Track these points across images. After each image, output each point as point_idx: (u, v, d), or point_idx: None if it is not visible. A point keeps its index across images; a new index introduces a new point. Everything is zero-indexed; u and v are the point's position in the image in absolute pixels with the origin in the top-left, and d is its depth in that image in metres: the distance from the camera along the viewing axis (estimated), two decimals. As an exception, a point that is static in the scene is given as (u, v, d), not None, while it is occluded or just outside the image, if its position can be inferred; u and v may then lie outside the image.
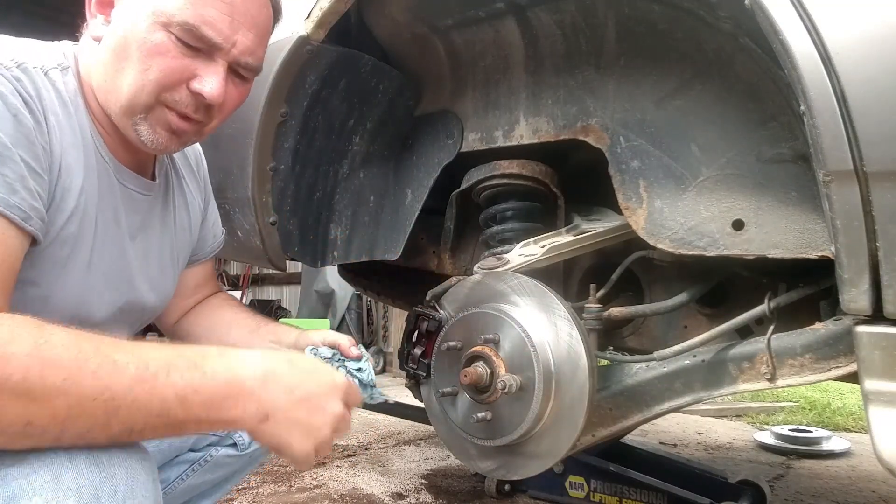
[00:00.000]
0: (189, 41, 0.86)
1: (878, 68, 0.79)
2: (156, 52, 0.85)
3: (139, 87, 0.86)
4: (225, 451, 1.20)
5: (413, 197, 1.55)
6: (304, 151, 1.50)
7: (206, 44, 0.87)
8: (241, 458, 1.22)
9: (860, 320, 0.87)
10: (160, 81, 0.86)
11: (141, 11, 0.85)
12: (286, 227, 1.55)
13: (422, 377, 1.29)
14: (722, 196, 1.13)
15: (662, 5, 1.13)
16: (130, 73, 0.85)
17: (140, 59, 0.85)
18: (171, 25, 0.84)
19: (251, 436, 0.78)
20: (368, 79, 1.46)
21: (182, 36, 0.85)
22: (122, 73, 0.86)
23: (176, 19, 0.84)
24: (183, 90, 0.88)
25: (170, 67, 0.86)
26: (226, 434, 1.18)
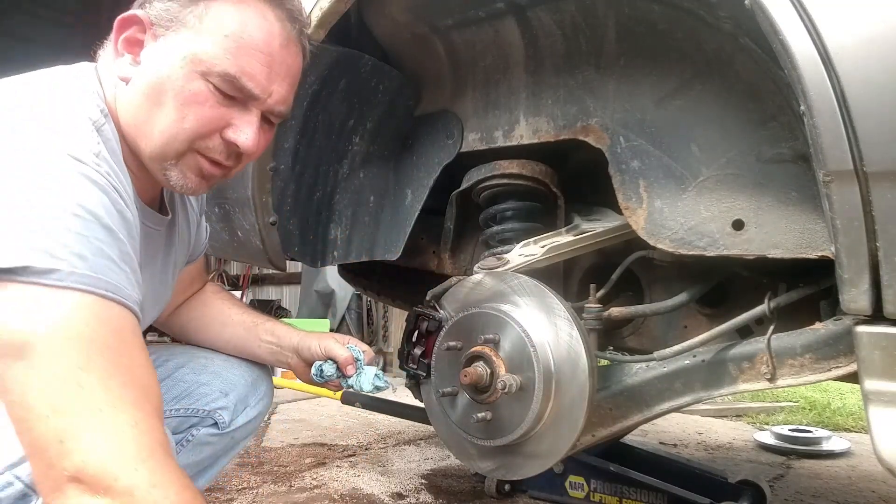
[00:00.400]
0: (227, 91, 0.85)
1: (878, 68, 0.79)
2: (193, 101, 0.84)
3: (173, 135, 0.85)
4: (206, 431, 1.20)
5: (413, 197, 1.55)
6: (304, 151, 1.50)
7: (244, 94, 0.86)
8: (223, 437, 1.22)
9: (860, 320, 0.87)
10: (196, 131, 0.86)
11: (177, 57, 0.83)
12: (286, 227, 1.55)
13: (422, 377, 1.29)
14: (722, 196, 1.13)
15: (662, 5, 1.13)
16: (165, 120, 0.84)
17: (176, 107, 0.84)
18: (211, 75, 0.83)
19: None
20: (368, 79, 1.46)
21: (220, 85, 0.84)
22: (155, 119, 0.85)
23: (216, 69, 0.83)
24: (216, 138, 0.88)
25: (206, 117, 0.85)
26: (206, 414, 1.18)
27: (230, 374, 1.22)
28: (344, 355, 1.18)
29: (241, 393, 1.22)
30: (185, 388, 1.18)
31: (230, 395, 1.20)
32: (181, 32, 0.84)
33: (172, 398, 1.16)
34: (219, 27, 0.84)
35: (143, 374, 0.73)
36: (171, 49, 0.84)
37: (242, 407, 1.23)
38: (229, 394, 1.20)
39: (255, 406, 1.26)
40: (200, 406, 1.18)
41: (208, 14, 0.84)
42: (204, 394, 1.18)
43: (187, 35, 0.84)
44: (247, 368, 1.25)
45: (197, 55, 0.83)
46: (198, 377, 1.20)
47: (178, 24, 0.84)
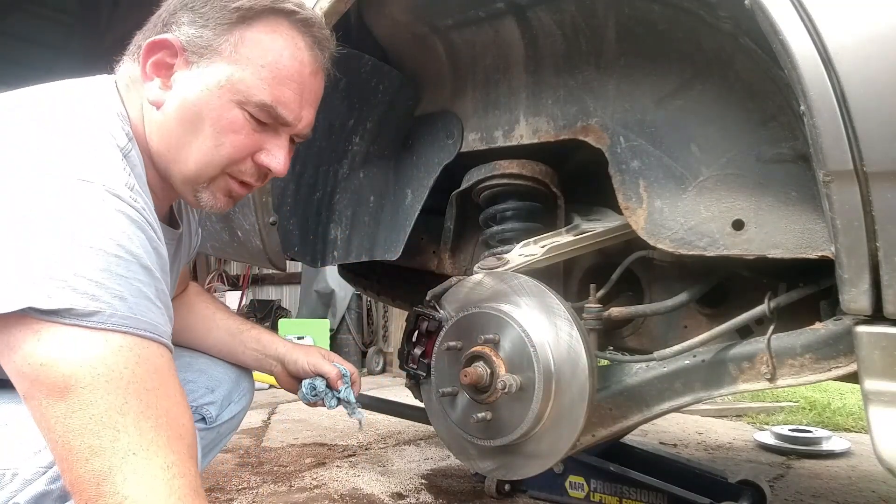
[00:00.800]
0: (262, 118, 0.87)
1: (878, 68, 0.79)
2: (230, 129, 0.86)
3: (209, 161, 0.87)
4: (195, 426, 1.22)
5: (413, 197, 1.55)
6: (304, 151, 1.50)
7: (278, 121, 0.89)
8: (210, 431, 1.23)
9: (860, 320, 0.87)
10: (231, 157, 0.88)
11: (214, 86, 0.85)
12: (286, 227, 1.55)
13: (422, 377, 1.29)
14: (722, 196, 1.13)
15: (662, 5, 1.13)
16: (201, 147, 0.86)
17: (213, 135, 0.86)
18: (248, 104, 0.85)
19: None
20: (368, 79, 1.46)
21: (256, 114, 0.86)
22: (190, 146, 0.87)
23: (254, 99, 0.85)
24: (248, 162, 0.90)
25: (242, 144, 0.88)
26: (194, 409, 1.19)
27: (215, 372, 1.25)
28: (332, 372, 1.20)
29: (225, 389, 1.25)
30: None
31: (216, 392, 1.23)
32: (216, 61, 0.85)
33: None
34: (255, 57, 0.85)
35: (178, 413, 0.74)
36: (208, 78, 0.85)
37: (227, 402, 1.25)
38: (215, 390, 1.23)
39: (238, 402, 1.28)
40: (189, 402, 1.19)
41: (244, 43, 0.85)
42: (191, 390, 1.20)
43: (222, 64, 0.85)
44: (229, 366, 1.28)
45: (234, 85, 0.85)
46: (184, 374, 1.20)
47: (212, 52, 0.85)
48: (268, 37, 0.86)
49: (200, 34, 0.85)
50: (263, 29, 0.86)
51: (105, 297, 0.69)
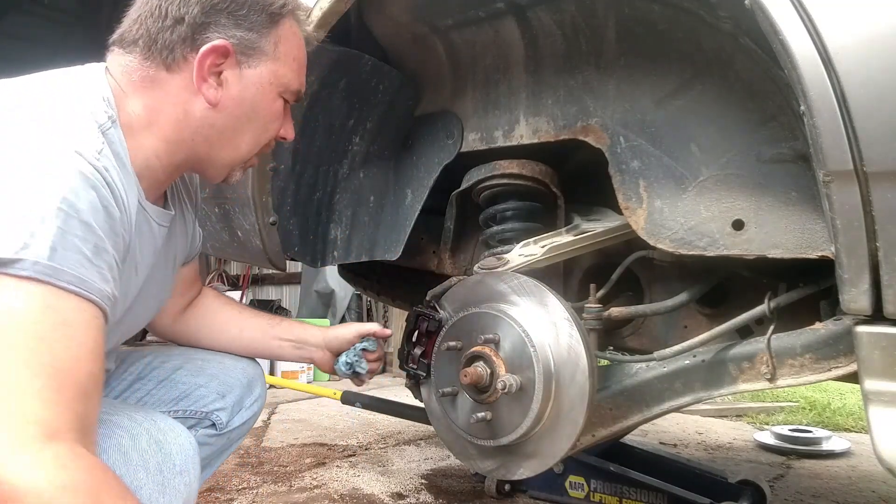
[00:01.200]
0: (290, 101, 1.02)
1: (878, 68, 0.79)
2: (276, 116, 1.01)
3: (256, 144, 1.00)
4: (204, 432, 1.22)
5: (413, 197, 1.55)
6: (304, 151, 1.50)
7: (297, 100, 1.04)
8: (220, 437, 1.24)
9: (860, 320, 0.87)
10: (271, 139, 1.03)
11: (264, 83, 0.96)
12: (286, 227, 1.55)
13: (422, 377, 1.29)
14: (722, 196, 1.13)
15: (662, 5, 1.13)
16: (252, 134, 0.99)
17: (263, 123, 0.99)
18: (286, 92, 1.00)
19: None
20: (368, 79, 1.46)
21: (289, 98, 1.01)
22: (244, 134, 0.98)
23: (292, 88, 1.00)
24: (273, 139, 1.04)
25: (278, 126, 1.02)
26: (204, 416, 1.21)
27: (227, 377, 1.25)
28: (374, 325, 1.30)
29: (237, 395, 1.25)
30: (184, 389, 1.21)
31: (227, 397, 1.23)
32: (264, 60, 0.95)
33: (171, 399, 1.20)
34: (289, 51, 0.98)
35: (74, 368, 0.72)
36: (260, 76, 0.96)
37: (238, 408, 1.26)
38: (226, 395, 1.23)
39: (249, 407, 1.28)
40: (199, 408, 1.21)
41: (281, 42, 0.97)
42: (202, 395, 1.21)
43: (269, 62, 0.96)
44: (242, 371, 1.27)
45: (279, 79, 0.97)
46: (195, 379, 1.22)
47: (259, 52, 0.95)
48: (292, 33, 0.99)
49: (248, 37, 0.93)
50: (288, 27, 0.98)
51: (34, 245, 0.70)
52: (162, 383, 1.20)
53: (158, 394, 1.19)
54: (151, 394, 1.19)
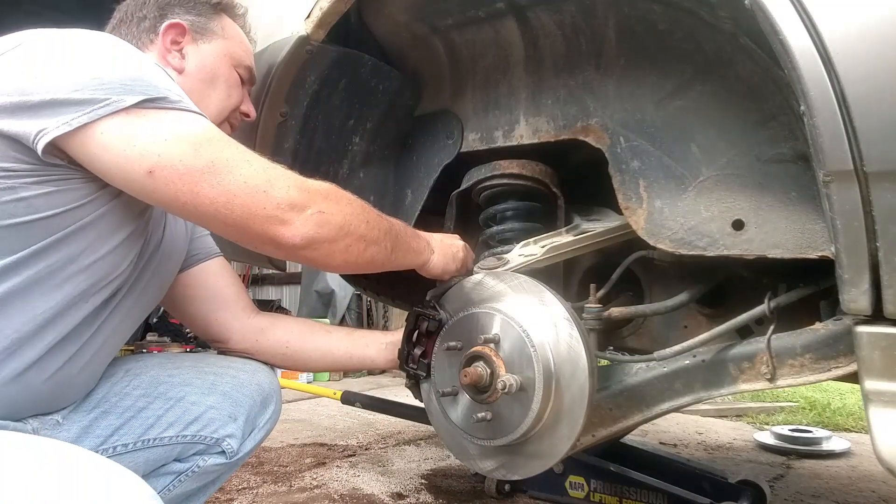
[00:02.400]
0: (245, 77, 1.23)
1: (878, 68, 0.79)
2: (234, 84, 1.21)
3: (224, 107, 1.19)
4: (213, 461, 1.17)
5: (413, 197, 1.55)
6: (304, 151, 1.50)
7: (250, 80, 1.26)
8: (228, 465, 1.19)
9: (860, 320, 0.87)
10: (236, 104, 1.22)
11: (220, 54, 1.18)
12: (286, 227, 1.55)
13: (422, 377, 1.29)
14: (722, 196, 1.13)
15: (662, 5, 1.13)
16: (218, 96, 1.18)
17: (225, 88, 1.19)
18: (240, 67, 1.21)
19: (426, 267, 1.23)
20: (368, 79, 1.46)
21: (243, 74, 1.22)
22: (211, 96, 1.16)
23: (244, 63, 1.22)
24: (236, 111, 1.23)
25: (239, 95, 1.22)
26: (214, 442, 1.15)
27: (240, 395, 1.19)
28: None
29: (249, 415, 1.19)
30: (197, 413, 1.15)
31: (238, 420, 1.17)
32: (215, 39, 1.18)
33: (182, 424, 1.14)
34: (236, 35, 1.22)
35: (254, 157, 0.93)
36: (215, 49, 1.18)
37: (250, 429, 1.20)
38: (238, 418, 1.17)
39: (262, 427, 1.23)
40: (208, 433, 1.15)
41: (227, 26, 1.21)
42: (213, 418, 1.15)
43: (220, 40, 1.19)
44: (257, 387, 1.22)
45: (231, 54, 1.20)
46: (207, 399, 1.16)
47: (210, 32, 1.18)
48: (232, 23, 1.23)
49: (199, 20, 1.17)
50: (229, 17, 1.23)
51: (172, 91, 0.90)
52: (171, 408, 1.13)
53: (167, 417, 1.12)
54: (160, 419, 1.12)
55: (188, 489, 1.19)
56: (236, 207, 0.87)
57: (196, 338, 5.16)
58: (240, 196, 0.87)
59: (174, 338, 5.43)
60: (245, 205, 0.88)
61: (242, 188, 0.87)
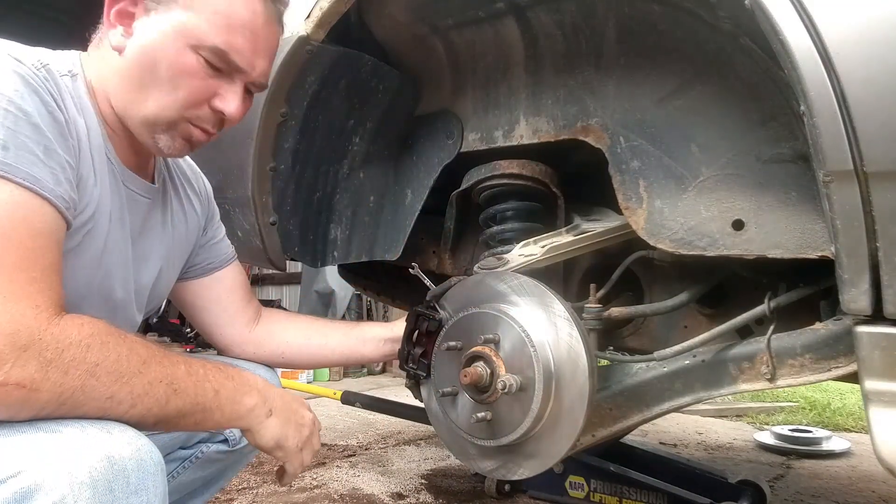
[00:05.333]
0: (216, 63, 0.91)
1: (879, 68, 0.79)
2: (186, 72, 0.90)
3: (167, 104, 0.91)
4: (216, 448, 1.20)
5: (413, 197, 1.55)
6: (304, 151, 1.50)
7: (231, 67, 0.93)
8: (231, 454, 1.23)
9: (860, 320, 0.87)
10: (187, 100, 0.92)
11: (170, 31, 0.89)
12: (286, 227, 1.55)
13: (422, 377, 1.29)
14: (722, 196, 1.13)
15: (662, 5, 1.13)
16: (158, 90, 0.90)
17: (169, 78, 0.90)
18: (202, 48, 0.89)
19: (258, 433, 0.92)
20: (368, 79, 1.46)
21: (210, 59, 0.90)
22: (148, 89, 0.90)
23: (207, 43, 0.89)
24: (205, 108, 0.94)
25: (197, 88, 0.91)
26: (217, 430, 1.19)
27: None
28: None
29: None
30: None
31: None
32: (173, 8, 0.89)
33: None
34: (209, 4, 0.89)
35: (53, 274, 0.76)
36: (164, 23, 0.89)
37: None
38: None
39: None
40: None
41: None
42: None
43: (179, 11, 0.89)
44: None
45: (189, 30, 0.89)
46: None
47: (170, 0, 0.89)
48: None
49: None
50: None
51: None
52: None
53: None
54: None
55: (192, 478, 1.21)
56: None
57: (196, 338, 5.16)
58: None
59: (174, 338, 5.43)
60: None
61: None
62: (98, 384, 0.73)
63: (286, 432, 0.94)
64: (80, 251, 0.90)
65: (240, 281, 1.31)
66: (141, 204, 1.03)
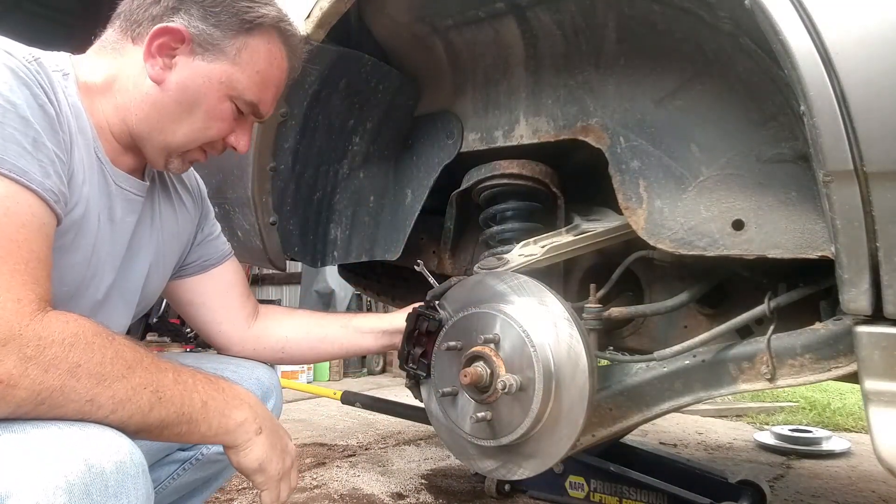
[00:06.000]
0: (244, 111, 1.03)
1: (878, 68, 0.79)
2: (220, 117, 1.00)
3: (195, 138, 1.01)
4: (216, 449, 1.19)
5: (413, 197, 1.55)
6: (304, 151, 1.50)
7: (255, 114, 1.05)
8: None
9: (860, 320, 0.87)
10: (213, 138, 1.03)
11: (214, 80, 0.98)
12: (286, 227, 1.55)
13: (422, 377, 1.29)
14: (722, 196, 1.13)
15: (662, 5, 1.13)
16: (192, 125, 0.99)
17: (204, 119, 0.99)
18: (238, 100, 1.00)
19: (243, 451, 0.89)
20: (368, 79, 1.46)
21: (242, 107, 1.02)
22: (181, 123, 0.99)
23: (245, 97, 1.00)
24: (220, 141, 1.05)
25: (224, 129, 1.02)
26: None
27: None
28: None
29: None
30: None
31: None
32: (220, 59, 0.97)
33: None
34: (253, 63, 1.00)
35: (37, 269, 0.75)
36: (211, 71, 0.97)
37: None
38: None
39: None
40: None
41: (246, 49, 0.99)
42: None
43: (225, 63, 0.98)
44: (256, 382, 1.22)
45: (233, 84, 0.99)
46: None
47: (217, 51, 0.97)
48: (265, 48, 1.01)
49: (211, 33, 0.96)
50: (262, 40, 1.00)
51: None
52: None
53: None
54: None
55: (192, 479, 1.21)
56: None
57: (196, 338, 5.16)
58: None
59: (174, 338, 5.43)
60: None
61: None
62: (78, 386, 0.71)
63: (271, 456, 0.91)
64: (72, 249, 0.90)
65: (237, 278, 1.31)
66: (132, 203, 1.03)
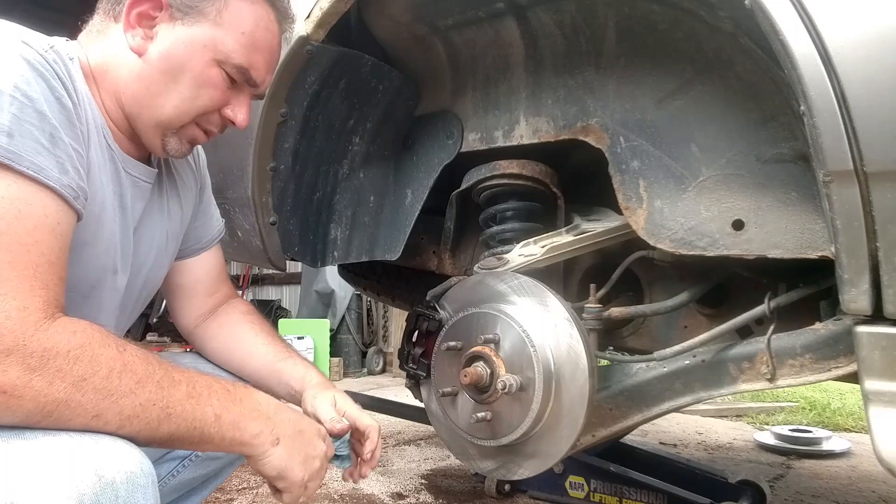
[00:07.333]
0: (235, 78, 0.97)
1: (878, 68, 0.79)
2: (208, 84, 0.95)
3: (185, 109, 0.96)
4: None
5: (413, 197, 1.55)
6: (304, 151, 1.50)
7: (248, 82, 0.99)
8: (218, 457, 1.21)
9: (860, 320, 0.87)
10: (205, 108, 0.97)
11: (199, 44, 0.93)
12: (286, 227, 1.55)
13: (422, 377, 1.29)
14: (722, 196, 1.13)
15: (662, 5, 1.13)
16: (180, 96, 0.95)
17: (192, 87, 0.95)
18: (226, 64, 0.95)
19: (260, 461, 0.86)
20: (368, 79, 1.46)
21: (232, 73, 0.96)
22: (168, 94, 0.94)
23: (233, 61, 0.95)
24: (216, 114, 1.00)
25: (215, 98, 0.97)
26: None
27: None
28: (326, 421, 1.07)
29: None
30: None
31: None
32: (201, 22, 0.93)
33: None
34: (237, 24, 0.95)
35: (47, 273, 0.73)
36: (193, 35, 0.93)
37: None
38: None
39: None
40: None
41: (227, 9, 0.94)
42: None
43: (207, 25, 0.93)
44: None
45: (217, 46, 0.94)
46: None
47: (197, 13, 0.93)
48: (248, 7, 0.96)
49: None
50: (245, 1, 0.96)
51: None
52: None
53: None
54: None
55: (191, 476, 1.21)
56: None
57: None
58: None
59: (174, 338, 5.43)
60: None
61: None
62: (84, 400, 0.69)
63: (291, 464, 0.88)
64: (94, 242, 0.90)
65: (208, 270, 1.25)
66: (142, 189, 1.03)
